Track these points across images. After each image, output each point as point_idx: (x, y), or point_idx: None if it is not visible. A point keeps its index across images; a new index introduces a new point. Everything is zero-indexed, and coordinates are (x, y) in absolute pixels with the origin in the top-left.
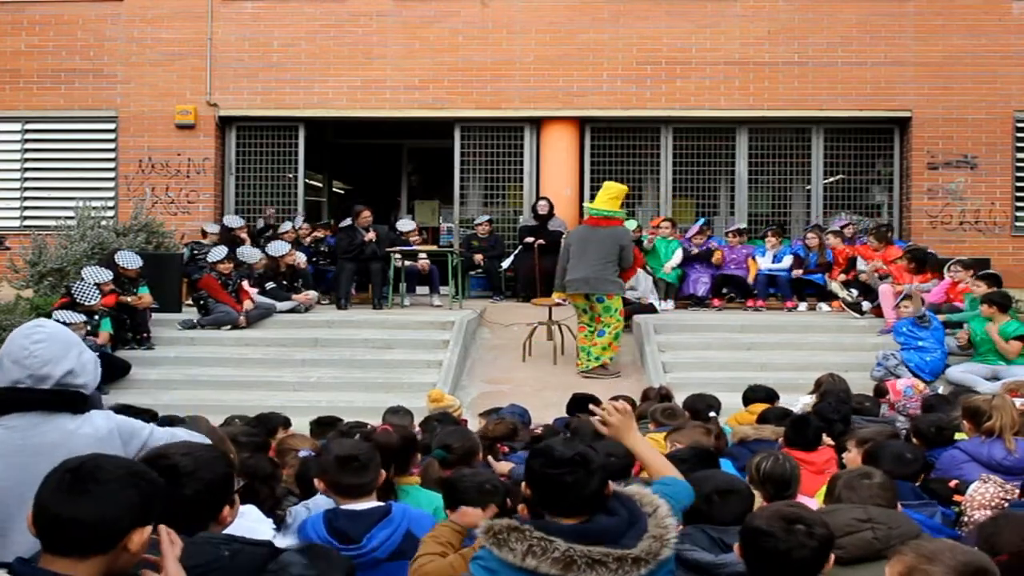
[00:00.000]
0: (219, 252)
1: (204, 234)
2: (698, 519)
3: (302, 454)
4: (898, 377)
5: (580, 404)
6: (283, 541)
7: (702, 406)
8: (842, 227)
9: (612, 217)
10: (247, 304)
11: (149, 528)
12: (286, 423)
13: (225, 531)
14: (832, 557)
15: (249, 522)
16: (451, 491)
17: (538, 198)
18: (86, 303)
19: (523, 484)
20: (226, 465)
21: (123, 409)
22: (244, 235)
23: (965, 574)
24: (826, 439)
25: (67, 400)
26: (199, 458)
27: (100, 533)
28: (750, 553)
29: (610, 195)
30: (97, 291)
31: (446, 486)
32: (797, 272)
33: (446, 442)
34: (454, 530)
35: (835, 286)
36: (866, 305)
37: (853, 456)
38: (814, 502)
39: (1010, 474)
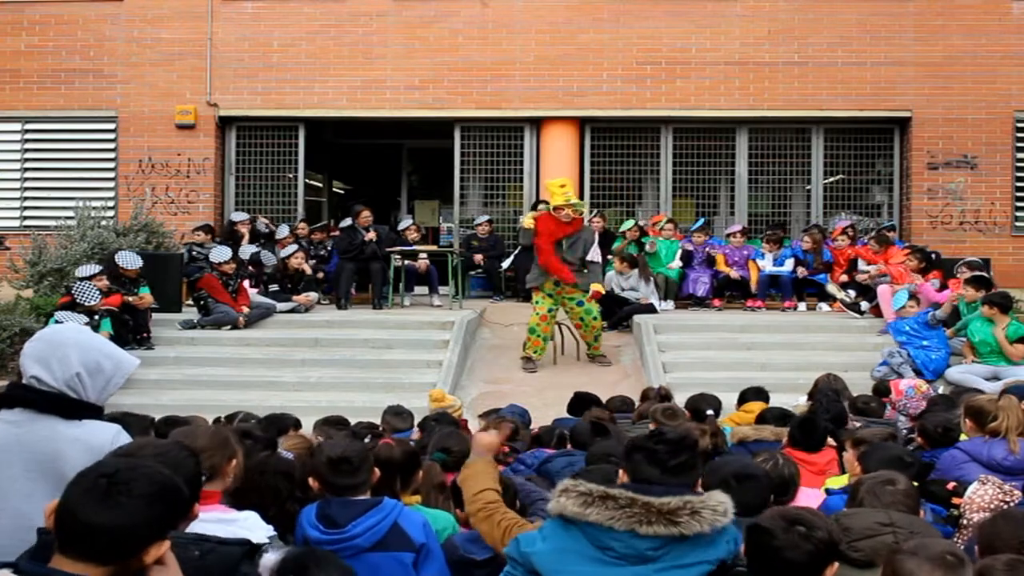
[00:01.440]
0: (223, 252)
1: (207, 230)
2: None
3: (286, 455)
4: (901, 376)
5: (581, 404)
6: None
7: (704, 406)
8: (847, 227)
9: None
10: (244, 308)
11: (168, 542)
12: (296, 424)
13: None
14: (835, 565)
15: (245, 528)
16: (461, 493)
17: (538, 201)
18: (86, 303)
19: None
20: (196, 463)
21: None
22: (244, 230)
23: (942, 564)
24: (829, 440)
25: (54, 403)
26: (172, 459)
27: (122, 545)
28: (749, 549)
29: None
30: (96, 291)
31: (456, 489)
32: (801, 271)
33: (445, 445)
34: (487, 462)
35: (832, 288)
36: (864, 305)
37: (850, 457)
38: (817, 493)
39: (1010, 474)
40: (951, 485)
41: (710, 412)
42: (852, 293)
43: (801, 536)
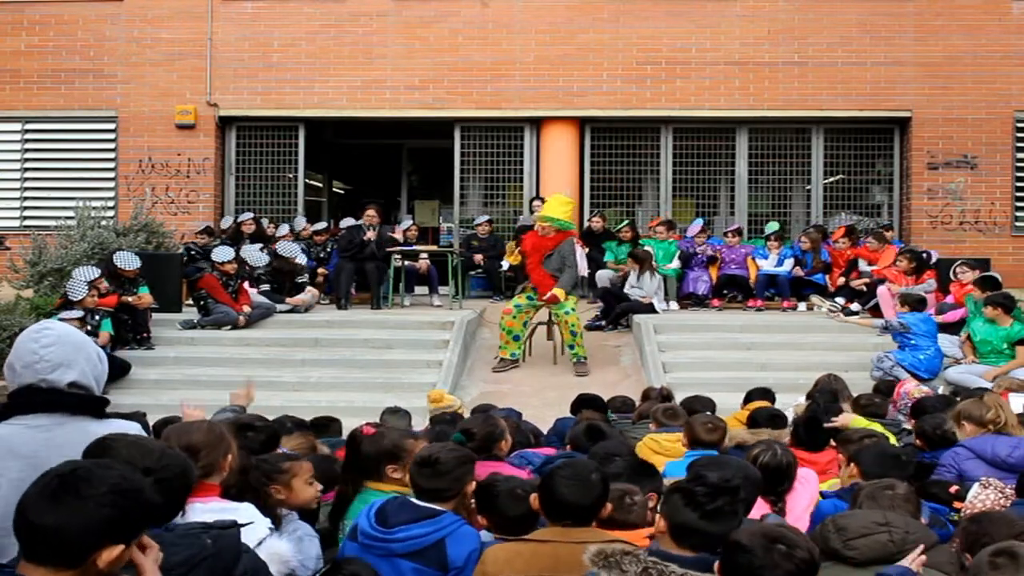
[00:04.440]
0: (225, 252)
1: (208, 233)
2: None
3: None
4: (895, 379)
5: (584, 405)
6: (278, 542)
7: (698, 408)
8: (848, 227)
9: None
10: (245, 308)
11: (121, 547)
12: (301, 425)
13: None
14: None
15: (246, 518)
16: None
17: (533, 198)
18: (74, 298)
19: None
20: (189, 465)
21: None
22: (248, 230)
23: None
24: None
25: (89, 403)
26: (169, 464)
27: (64, 546)
28: (727, 567)
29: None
30: (86, 286)
31: (481, 491)
32: (797, 271)
33: (466, 427)
34: None
35: (816, 299)
36: (855, 307)
37: (841, 458)
38: (806, 500)
39: (1013, 471)
40: (954, 488)
41: (708, 413)
42: (840, 301)
43: (782, 555)
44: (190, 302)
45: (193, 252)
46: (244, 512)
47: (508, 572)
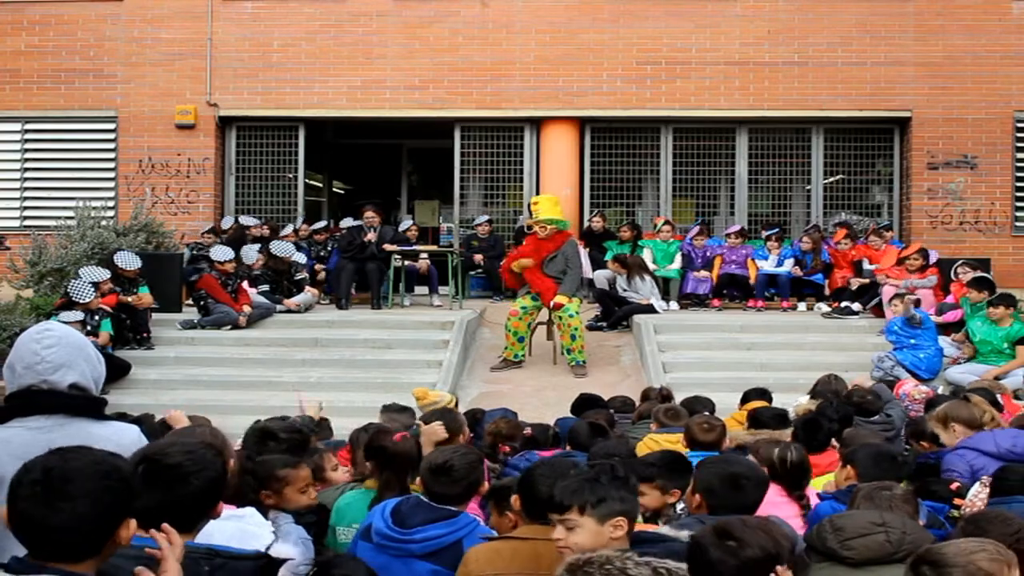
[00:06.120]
0: (223, 252)
1: (214, 232)
2: (718, 501)
3: None
4: (896, 379)
5: (586, 405)
6: (285, 547)
7: (699, 408)
8: (847, 228)
9: None
10: (245, 308)
11: (133, 520)
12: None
13: (222, 533)
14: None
15: (248, 525)
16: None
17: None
18: (81, 301)
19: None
20: (222, 463)
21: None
22: (258, 232)
23: None
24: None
25: (89, 404)
26: (200, 457)
27: (87, 539)
28: (690, 563)
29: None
30: (92, 288)
31: (495, 492)
32: (796, 270)
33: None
34: None
35: (821, 308)
36: (856, 306)
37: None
38: (792, 513)
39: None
40: (955, 486)
41: (707, 413)
42: (846, 304)
43: (729, 552)
44: (190, 302)
45: (197, 253)
46: (250, 518)
47: (489, 571)
